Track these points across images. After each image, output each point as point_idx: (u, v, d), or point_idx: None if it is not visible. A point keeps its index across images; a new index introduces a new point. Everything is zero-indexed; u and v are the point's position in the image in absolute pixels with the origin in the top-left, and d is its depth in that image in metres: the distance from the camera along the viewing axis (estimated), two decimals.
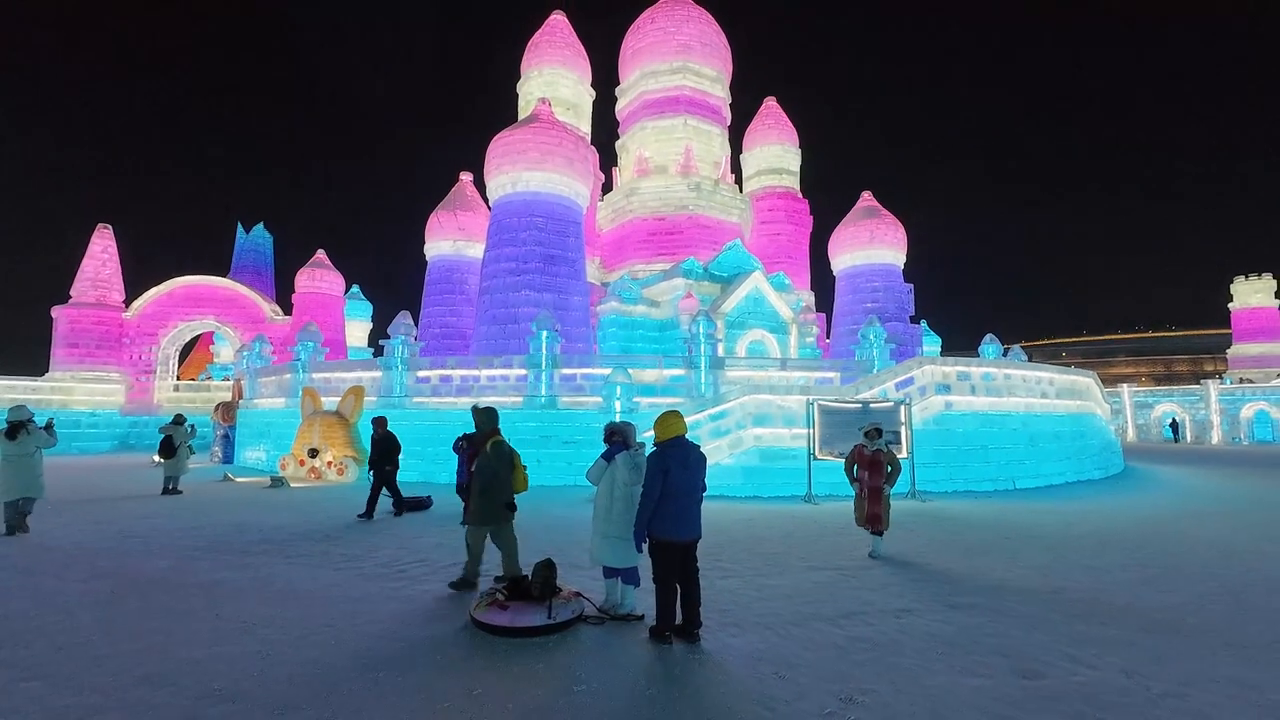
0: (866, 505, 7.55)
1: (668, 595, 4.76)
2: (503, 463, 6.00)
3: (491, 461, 5.99)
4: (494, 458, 6.00)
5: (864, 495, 7.58)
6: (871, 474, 7.54)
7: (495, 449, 6.04)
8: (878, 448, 7.63)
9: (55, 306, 29.17)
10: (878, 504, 7.49)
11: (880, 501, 7.48)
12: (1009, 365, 15.94)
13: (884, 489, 7.49)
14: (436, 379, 16.87)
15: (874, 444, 7.68)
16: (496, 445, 6.06)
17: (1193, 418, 38.84)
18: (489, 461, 6.00)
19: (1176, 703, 3.74)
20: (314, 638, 4.71)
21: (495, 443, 6.08)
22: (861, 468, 7.64)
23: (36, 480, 8.71)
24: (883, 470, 7.50)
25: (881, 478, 7.49)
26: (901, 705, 3.70)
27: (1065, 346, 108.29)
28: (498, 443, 6.09)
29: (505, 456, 6.04)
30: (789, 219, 32.89)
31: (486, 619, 4.83)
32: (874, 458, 7.56)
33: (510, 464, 6.06)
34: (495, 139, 21.60)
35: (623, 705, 3.68)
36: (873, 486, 7.51)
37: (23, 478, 8.58)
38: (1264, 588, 6.25)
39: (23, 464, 8.59)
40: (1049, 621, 5.20)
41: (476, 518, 6.01)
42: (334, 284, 34.11)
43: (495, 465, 5.98)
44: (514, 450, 6.17)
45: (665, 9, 29.89)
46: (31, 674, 4.02)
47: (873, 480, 7.52)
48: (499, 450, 6.04)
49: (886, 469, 7.52)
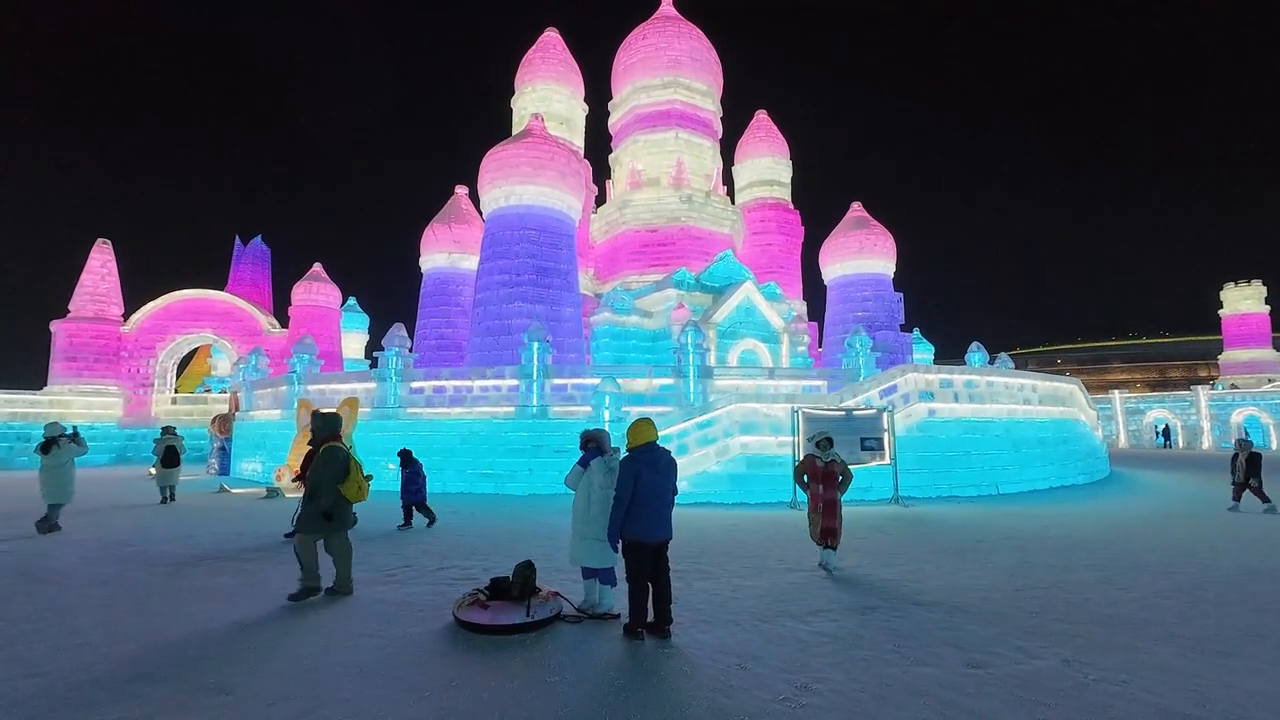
0: (822, 519, 7.13)
1: (639, 593, 5.01)
2: (329, 470, 5.88)
3: (317, 468, 5.89)
4: (320, 464, 5.89)
5: (818, 509, 7.16)
6: (825, 486, 7.16)
7: (324, 455, 5.93)
8: (830, 458, 7.27)
9: (54, 320, 29.43)
10: (833, 517, 7.10)
11: (836, 515, 7.12)
12: (991, 372, 16.27)
13: (838, 501, 7.17)
14: (430, 390, 17.15)
15: (826, 454, 7.31)
16: (327, 451, 5.96)
17: (1184, 423, 39.20)
18: (315, 468, 5.91)
19: (1109, 687, 4.01)
20: (304, 637, 4.96)
21: (327, 449, 5.97)
22: (814, 480, 7.26)
23: (68, 487, 9.96)
24: (836, 482, 7.17)
25: (835, 489, 7.15)
26: (851, 691, 3.96)
27: (1061, 353, 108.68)
28: (329, 449, 5.98)
29: (334, 464, 5.91)
30: (780, 229, 33.35)
31: (468, 618, 5.08)
32: (827, 469, 7.20)
33: (339, 472, 5.90)
34: (489, 154, 22.01)
35: (591, 693, 3.93)
36: (828, 499, 7.12)
37: (58, 484, 9.83)
38: (1218, 586, 6.52)
39: (58, 473, 9.85)
40: (1005, 617, 5.46)
41: (301, 524, 5.96)
42: (330, 297, 34.41)
43: (319, 473, 5.87)
44: (353, 459, 6.04)
45: (656, 26, 30.48)
46: (34, 671, 4.27)
47: (827, 493, 7.14)
48: (327, 457, 5.93)
49: (839, 480, 7.21)
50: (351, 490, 5.95)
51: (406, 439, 16.11)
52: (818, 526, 7.16)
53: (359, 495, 6.00)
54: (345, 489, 5.94)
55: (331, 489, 5.89)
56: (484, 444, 15.54)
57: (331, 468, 5.90)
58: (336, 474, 5.91)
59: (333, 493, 5.90)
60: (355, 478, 5.98)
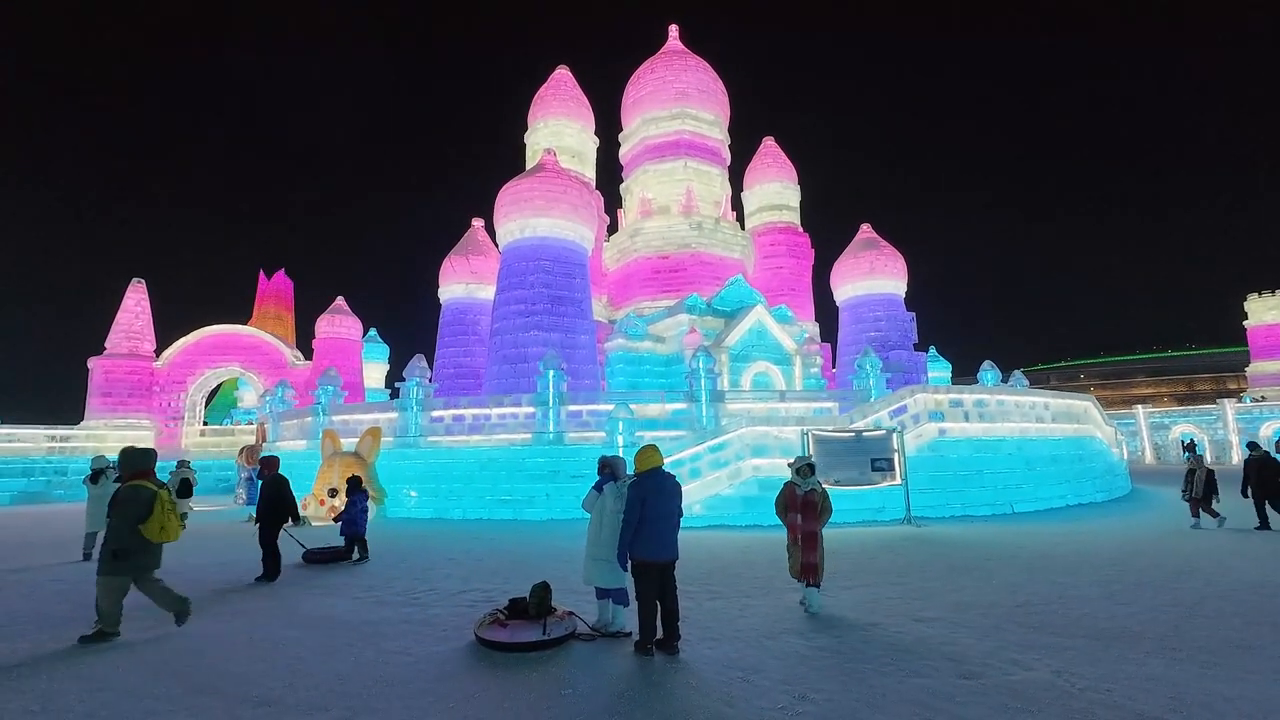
0: (801, 554, 6.49)
1: (649, 611, 5.32)
2: (127, 509, 5.68)
3: (115, 507, 5.72)
4: (119, 502, 5.72)
5: (796, 542, 6.56)
6: (805, 518, 6.50)
7: (124, 493, 5.76)
8: (810, 487, 6.63)
9: (91, 358, 30.67)
10: (813, 551, 6.45)
11: (816, 549, 6.47)
12: (1002, 391, 16.37)
13: (819, 534, 6.53)
14: (450, 418, 17.64)
15: (805, 483, 6.66)
16: (129, 489, 5.77)
17: (1211, 438, 38.42)
18: (113, 506, 5.75)
19: (1094, 695, 4.22)
20: (336, 654, 5.33)
21: (129, 487, 5.78)
22: (792, 510, 6.62)
23: None
24: (816, 512, 6.52)
25: (816, 521, 6.50)
26: (846, 700, 4.22)
27: (1083, 368, 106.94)
28: (131, 487, 5.78)
29: (133, 503, 5.69)
30: (790, 253, 33.78)
31: (487, 636, 5.42)
32: (806, 499, 6.55)
33: (139, 512, 5.66)
34: (504, 188, 22.83)
35: (603, 705, 4.24)
36: (807, 532, 6.48)
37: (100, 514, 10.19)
38: (1217, 600, 6.63)
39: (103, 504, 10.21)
40: (1002, 631, 5.67)
41: (99, 565, 5.73)
42: (353, 329, 35.42)
43: (116, 512, 5.70)
44: (160, 497, 5.77)
45: (664, 60, 31.50)
46: (103, 686, 4.68)
47: (806, 524, 6.49)
48: (127, 495, 5.74)
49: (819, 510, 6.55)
50: (153, 530, 5.66)
51: (428, 467, 16.62)
52: (797, 561, 6.58)
53: (162, 535, 5.71)
54: (146, 529, 5.65)
55: (124, 529, 5.65)
56: (502, 470, 15.94)
57: (129, 507, 5.68)
58: (136, 514, 5.66)
59: (125, 532, 5.65)
60: (159, 517, 5.68)
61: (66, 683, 4.74)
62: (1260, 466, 11.76)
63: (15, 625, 6.40)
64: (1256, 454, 12.04)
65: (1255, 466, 11.83)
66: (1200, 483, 12.00)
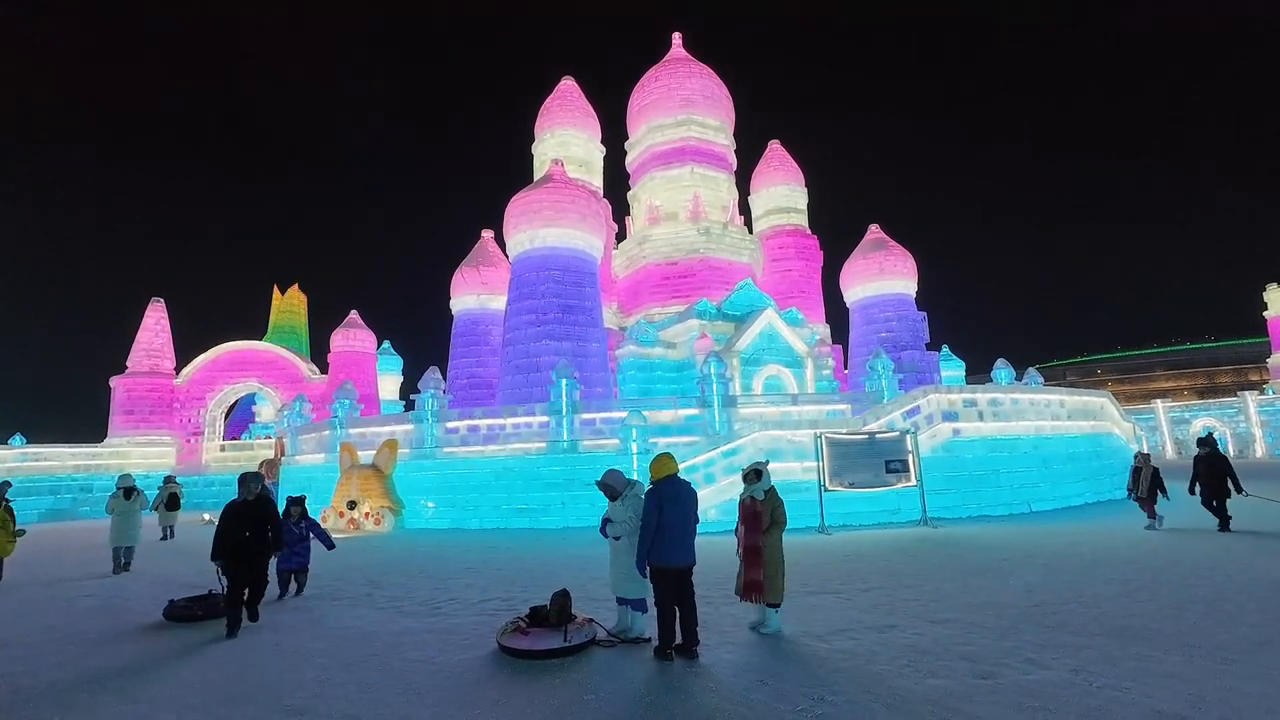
0: (745, 570, 5.86)
1: (668, 616, 5.41)
2: None
3: None
4: None
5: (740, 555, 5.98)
6: (748, 530, 5.91)
7: None
8: (749, 494, 6.08)
9: (113, 376, 31.30)
10: (756, 567, 5.78)
11: (759, 565, 5.76)
12: (1016, 389, 16.29)
13: (765, 547, 5.83)
14: (465, 429, 17.83)
15: (750, 489, 6.09)
16: None
17: (1233, 431, 37.81)
18: None
19: (1112, 694, 4.25)
20: (363, 664, 5.46)
21: None
22: (740, 521, 6.05)
23: (138, 531, 11.47)
24: (761, 524, 5.87)
25: (758, 533, 5.86)
26: (864, 702, 4.28)
27: (1101, 363, 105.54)
28: None
29: None
30: (799, 255, 33.77)
31: (510, 644, 5.53)
32: (752, 508, 5.98)
33: None
34: (513, 200, 23.09)
35: (624, 709, 4.33)
36: (748, 545, 5.86)
37: (130, 529, 11.23)
38: (1238, 597, 6.60)
39: (131, 519, 11.28)
40: (1019, 631, 5.69)
41: None
42: (367, 342, 35.85)
43: None
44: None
45: (668, 67, 31.71)
46: (136, 699, 4.84)
47: (748, 538, 5.87)
48: None
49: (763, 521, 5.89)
50: None
51: (444, 477, 16.81)
52: (741, 578, 5.94)
53: None
54: None
55: None
56: (518, 480, 16.08)
57: None
58: None
59: None
60: None
61: (102, 695, 4.91)
62: (1209, 464, 11.28)
63: (52, 641, 6.61)
64: (1205, 451, 11.52)
65: (1204, 464, 11.34)
66: (1146, 481, 11.74)
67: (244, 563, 6.52)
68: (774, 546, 5.90)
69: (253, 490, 6.75)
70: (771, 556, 5.86)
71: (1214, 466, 11.23)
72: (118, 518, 11.24)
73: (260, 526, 6.68)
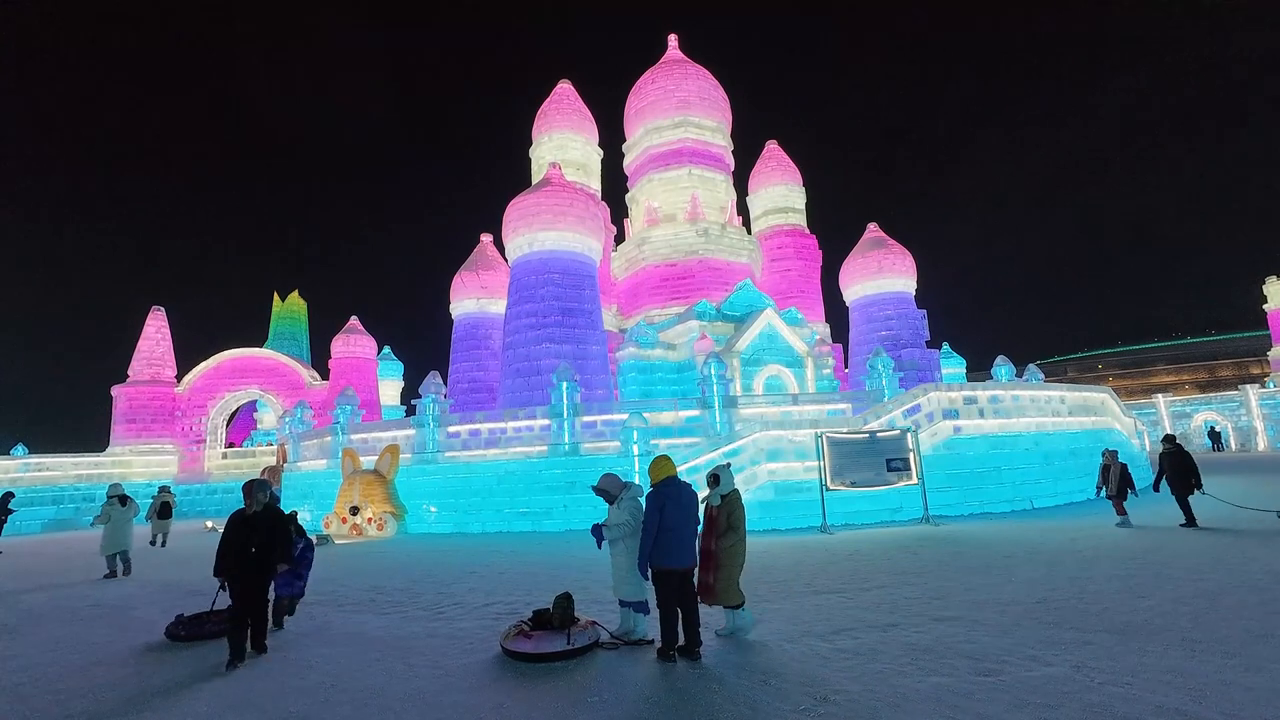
0: (699, 571, 5.81)
1: (670, 618, 5.43)
2: None
3: None
4: None
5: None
6: (704, 534, 5.93)
7: None
8: (708, 501, 6.04)
9: (115, 386, 31.35)
10: (707, 570, 5.80)
11: (712, 569, 5.77)
12: (1017, 386, 16.30)
13: (719, 551, 5.79)
14: (466, 433, 17.86)
15: (711, 494, 6.05)
16: None
17: (1235, 425, 37.78)
18: None
19: (1113, 689, 4.27)
20: (368, 669, 5.48)
21: None
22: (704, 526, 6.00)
23: (130, 537, 11.78)
24: (716, 528, 5.85)
25: (711, 537, 5.86)
26: (867, 700, 4.30)
27: (1102, 358, 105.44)
28: None
29: None
30: (798, 255, 33.82)
31: (513, 647, 5.55)
32: (708, 512, 6.01)
33: None
34: (511, 204, 23.14)
35: (628, 711, 4.35)
36: (703, 549, 5.86)
37: (122, 536, 11.59)
38: (1241, 591, 6.61)
39: (125, 526, 11.61)
40: (1021, 628, 5.71)
41: None
42: (367, 348, 35.90)
43: None
44: None
45: (665, 69, 31.76)
46: (144, 706, 4.87)
47: (704, 541, 5.89)
48: None
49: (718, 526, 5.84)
50: None
51: (446, 482, 16.84)
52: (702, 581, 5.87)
53: None
54: None
55: None
56: (519, 483, 16.10)
57: None
58: None
59: None
60: None
61: (111, 704, 4.93)
62: (1174, 461, 11.28)
63: (59, 650, 6.64)
64: (1169, 448, 11.51)
65: (1169, 461, 11.35)
66: (1115, 479, 11.73)
67: (250, 579, 5.95)
68: (729, 551, 5.80)
69: (260, 500, 6.17)
70: (726, 561, 5.79)
71: (1179, 464, 11.27)
72: (112, 525, 11.55)
73: (268, 539, 6.07)
